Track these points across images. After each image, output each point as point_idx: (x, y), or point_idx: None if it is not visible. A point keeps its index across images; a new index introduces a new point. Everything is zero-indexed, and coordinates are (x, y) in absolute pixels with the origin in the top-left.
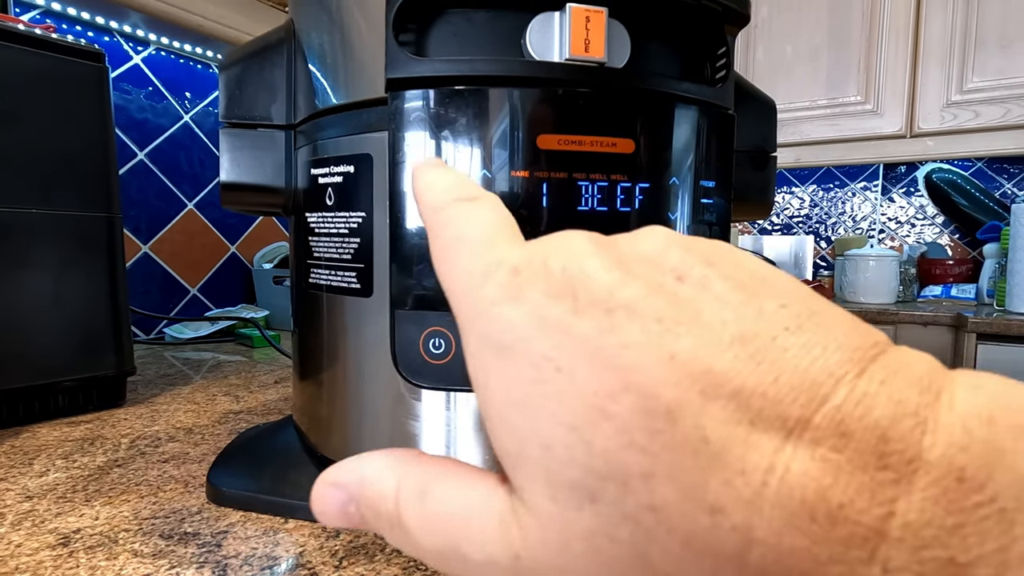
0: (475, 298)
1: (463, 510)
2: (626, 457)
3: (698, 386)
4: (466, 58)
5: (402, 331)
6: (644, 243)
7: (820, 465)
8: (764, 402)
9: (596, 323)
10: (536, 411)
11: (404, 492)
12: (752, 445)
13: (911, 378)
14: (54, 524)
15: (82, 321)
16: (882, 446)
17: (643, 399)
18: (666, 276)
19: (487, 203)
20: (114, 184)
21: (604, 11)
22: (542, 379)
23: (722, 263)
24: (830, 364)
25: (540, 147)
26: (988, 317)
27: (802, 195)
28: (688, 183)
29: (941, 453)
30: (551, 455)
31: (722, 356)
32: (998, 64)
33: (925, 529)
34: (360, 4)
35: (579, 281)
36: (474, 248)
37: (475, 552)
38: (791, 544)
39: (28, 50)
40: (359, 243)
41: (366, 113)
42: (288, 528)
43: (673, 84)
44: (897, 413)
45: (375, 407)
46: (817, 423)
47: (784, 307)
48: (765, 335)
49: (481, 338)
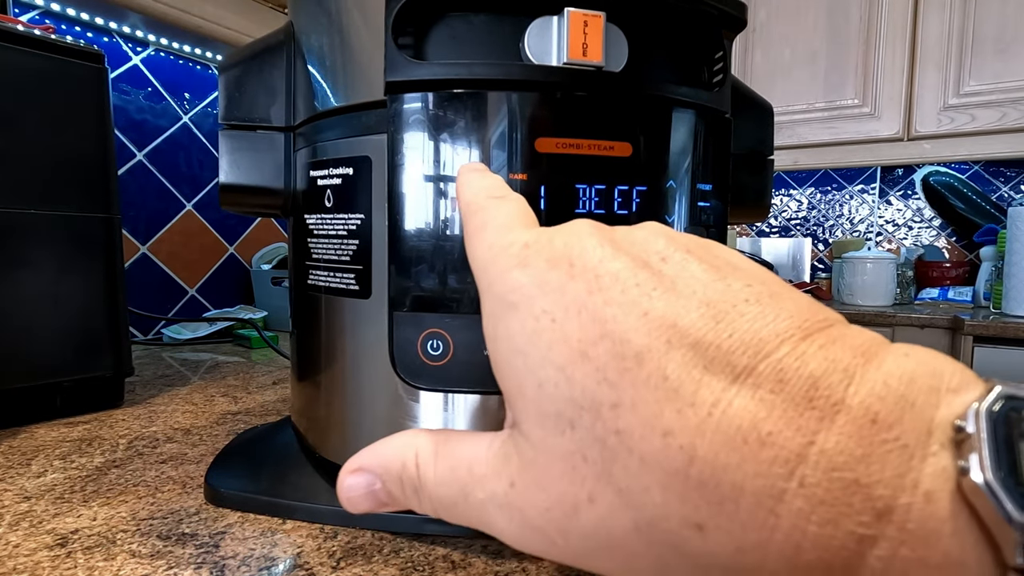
0: (493, 267)
1: (470, 456)
2: (599, 390)
3: (664, 336)
4: (465, 62)
5: (400, 333)
6: (637, 231)
7: (757, 403)
8: (718, 352)
9: (586, 284)
10: (534, 355)
11: (421, 455)
12: (704, 384)
13: (848, 345)
14: (52, 525)
15: (80, 322)
16: (812, 391)
17: (616, 344)
18: (651, 256)
19: (513, 200)
20: (113, 185)
21: (602, 15)
22: (540, 328)
23: (701, 251)
24: (779, 328)
25: (538, 150)
26: (985, 320)
27: (800, 198)
28: (685, 186)
29: (860, 400)
30: (542, 391)
31: (688, 315)
32: (995, 68)
33: (838, 456)
34: (359, 7)
35: (576, 253)
36: (496, 230)
37: (479, 491)
38: (725, 460)
39: (27, 51)
40: (358, 245)
41: (365, 115)
42: (286, 529)
43: (670, 88)
44: (829, 368)
45: (373, 408)
46: (760, 371)
47: (748, 286)
48: (727, 303)
49: (494, 297)
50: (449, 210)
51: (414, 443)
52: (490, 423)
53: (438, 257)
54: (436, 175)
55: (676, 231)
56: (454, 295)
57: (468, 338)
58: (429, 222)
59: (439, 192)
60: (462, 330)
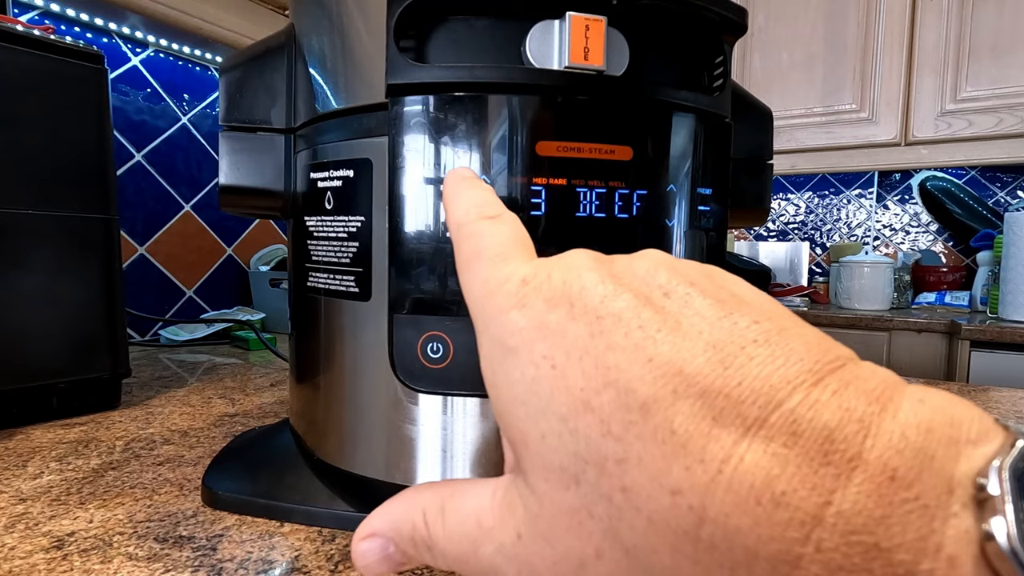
0: (488, 305)
1: (476, 508)
2: (604, 444)
3: (670, 385)
4: (466, 65)
5: (400, 335)
6: (638, 262)
7: (770, 458)
8: (727, 402)
9: (588, 327)
10: (535, 405)
11: (429, 514)
12: (713, 438)
13: (862, 390)
14: (48, 527)
15: (77, 323)
16: (827, 445)
17: (621, 394)
18: (654, 291)
19: (506, 222)
20: (112, 186)
21: (603, 20)
22: (540, 376)
23: (705, 284)
24: (789, 373)
25: (539, 153)
26: (981, 324)
27: (798, 202)
28: (685, 190)
29: (878, 455)
30: (545, 443)
31: (694, 360)
32: (991, 74)
33: (856, 517)
34: (361, 10)
35: (576, 291)
36: (491, 262)
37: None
38: (737, 523)
39: (27, 51)
40: (358, 247)
41: (366, 118)
42: (284, 532)
43: (671, 92)
44: (844, 419)
45: (372, 411)
46: (772, 422)
47: (756, 323)
48: (735, 345)
49: (492, 340)
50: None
51: (420, 501)
52: (489, 427)
53: (438, 260)
54: (437, 178)
55: (678, 260)
56: (454, 298)
57: (468, 341)
58: (429, 225)
59: (440, 195)
60: (462, 333)
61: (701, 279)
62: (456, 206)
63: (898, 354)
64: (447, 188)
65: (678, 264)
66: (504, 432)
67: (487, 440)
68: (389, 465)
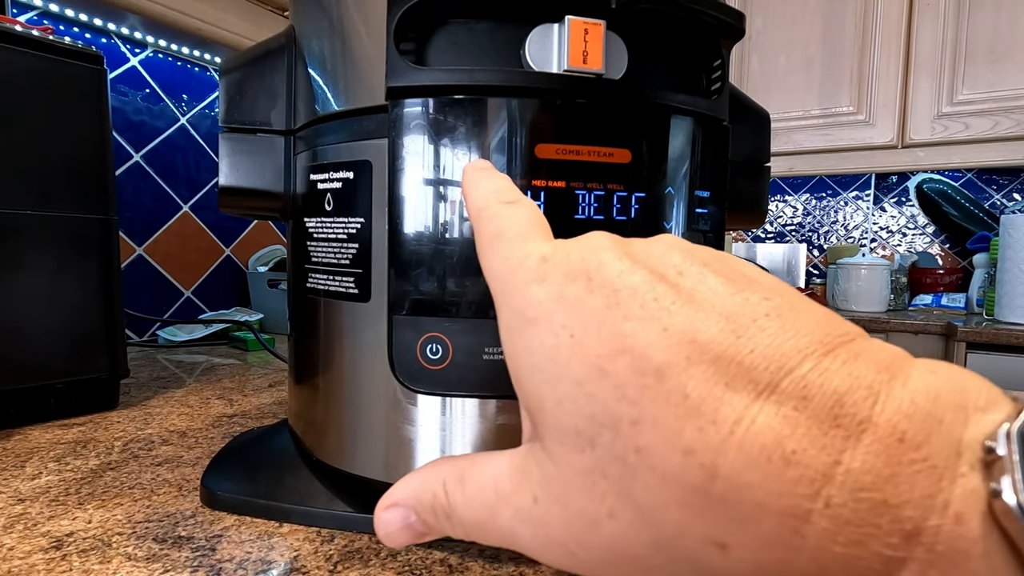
0: (510, 280)
1: (494, 475)
2: (619, 407)
3: (684, 352)
4: (466, 68)
5: (399, 336)
6: (654, 245)
7: (781, 420)
8: (739, 368)
9: (605, 299)
10: (552, 371)
11: (449, 483)
12: (725, 401)
13: (872, 360)
14: (47, 527)
15: (76, 323)
16: (837, 408)
17: (636, 360)
18: (668, 270)
19: (525, 206)
20: (111, 186)
21: (602, 24)
22: (558, 344)
23: (717, 265)
24: (800, 343)
25: (538, 156)
26: (977, 326)
27: (795, 203)
28: (683, 193)
29: (887, 418)
30: (562, 407)
31: (708, 329)
32: (988, 77)
33: (865, 476)
34: (361, 12)
35: (594, 267)
36: (512, 241)
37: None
38: (748, 479)
39: (26, 52)
40: (357, 248)
41: (366, 120)
42: (283, 532)
43: (669, 96)
44: (854, 385)
45: (371, 412)
46: (783, 387)
47: (767, 300)
48: (747, 317)
49: (512, 312)
50: (449, 214)
51: (441, 472)
52: (488, 428)
53: (438, 261)
54: (436, 180)
55: (692, 244)
56: (453, 299)
57: (467, 342)
58: (429, 226)
59: (439, 196)
60: (461, 334)
61: (714, 261)
62: (475, 192)
63: None
64: (466, 178)
65: (691, 247)
66: (522, 401)
67: (486, 441)
68: (388, 466)
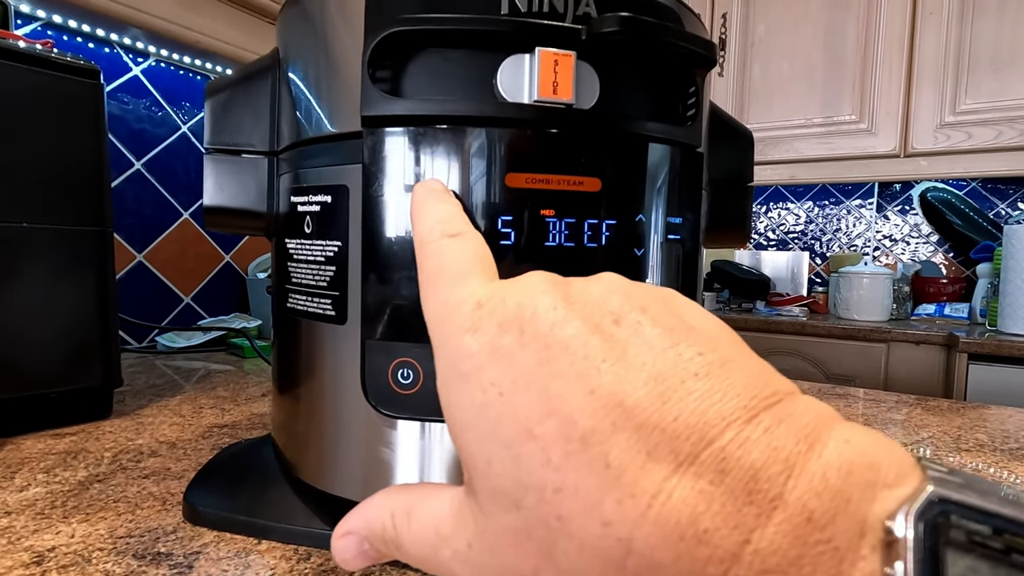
0: (446, 326)
1: (436, 515)
2: (544, 472)
3: (610, 418)
4: (438, 98)
5: (371, 360)
6: (593, 286)
7: (697, 495)
8: (662, 436)
9: (536, 354)
10: (482, 430)
11: (397, 518)
12: (646, 472)
13: (794, 427)
14: (30, 542)
15: (70, 333)
16: (752, 484)
17: (563, 425)
18: (604, 318)
19: (469, 240)
20: (107, 198)
21: (572, 55)
22: (488, 402)
23: (657, 310)
24: (725, 409)
25: (508, 185)
26: (980, 337)
27: (797, 211)
28: (655, 220)
29: (798, 496)
30: (491, 468)
31: (635, 392)
32: (991, 86)
33: (772, 557)
34: (340, 39)
35: (528, 316)
36: (449, 282)
37: (445, 549)
38: (661, 557)
39: (23, 67)
40: (334, 271)
41: (344, 145)
42: (260, 550)
43: (641, 124)
44: (771, 458)
45: (349, 434)
46: (703, 459)
47: (700, 355)
48: (676, 378)
49: (446, 363)
50: None
51: (391, 504)
52: None
53: (408, 287)
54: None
55: (633, 285)
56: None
57: None
58: (400, 252)
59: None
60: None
61: (654, 305)
62: (421, 222)
63: (896, 366)
64: (414, 200)
65: (633, 289)
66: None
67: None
68: (366, 487)
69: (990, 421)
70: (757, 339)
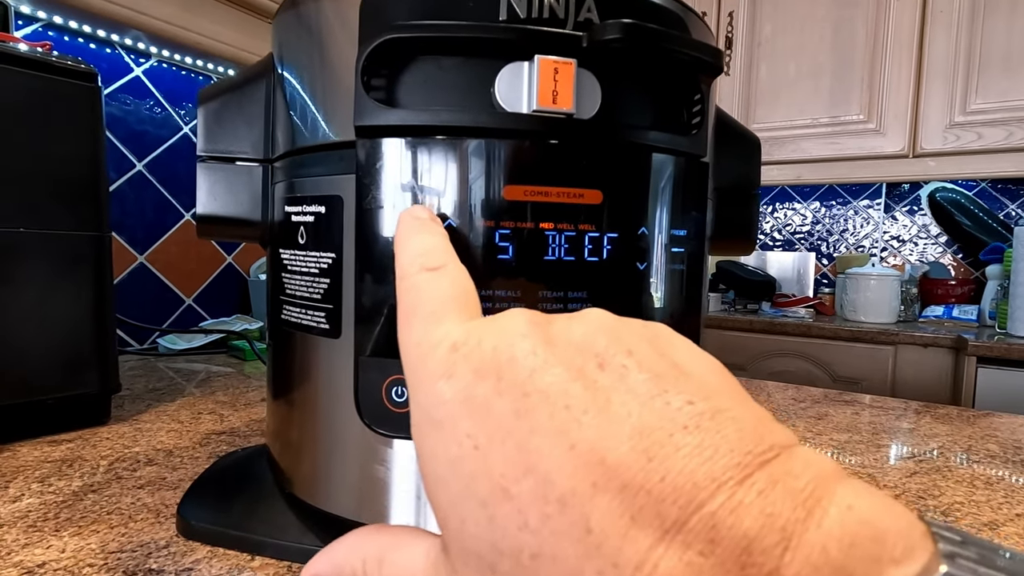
0: (420, 370)
1: (409, 567)
2: (520, 537)
3: (591, 477)
4: (433, 108)
5: (365, 377)
6: (576, 326)
7: (685, 567)
8: (647, 499)
9: (513, 404)
10: (456, 486)
11: (368, 564)
12: (630, 539)
13: (790, 489)
14: (20, 556)
15: (67, 339)
16: (745, 557)
17: (540, 484)
18: (588, 362)
19: (447, 275)
20: (104, 203)
21: (573, 62)
22: (462, 456)
23: (645, 352)
24: (716, 469)
25: (506, 198)
26: (989, 340)
27: (804, 211)
28: (658, 232)
29: (796, 571)
30: (464, 528)
31: (618, 448)
32: (1002, 86)
33: None
34: (334, 46)
35: (505, 362)
36: (425, 321)
37: None
38: None
39: (19, 70)
40: (328, 284)
41: (338, 155)
42: (254, 566)
43: (643, 135)
44: (765, 526)
45: (343, 450)
46: (691, 526)
47: (690, 404)
48: (663, 431)
49: (420, 409)
50: None
51: (363, 549)
52: None
53: None
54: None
55: (621, 322)
56: None
57: None
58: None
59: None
60: None
61: (641, 346)
62: (402, 254)
63: (903, 369)
64: (398, 229)
65: (620, 328)
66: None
67: None
68: (360, 505)
69: (1001, 431)
70: (762, 341)
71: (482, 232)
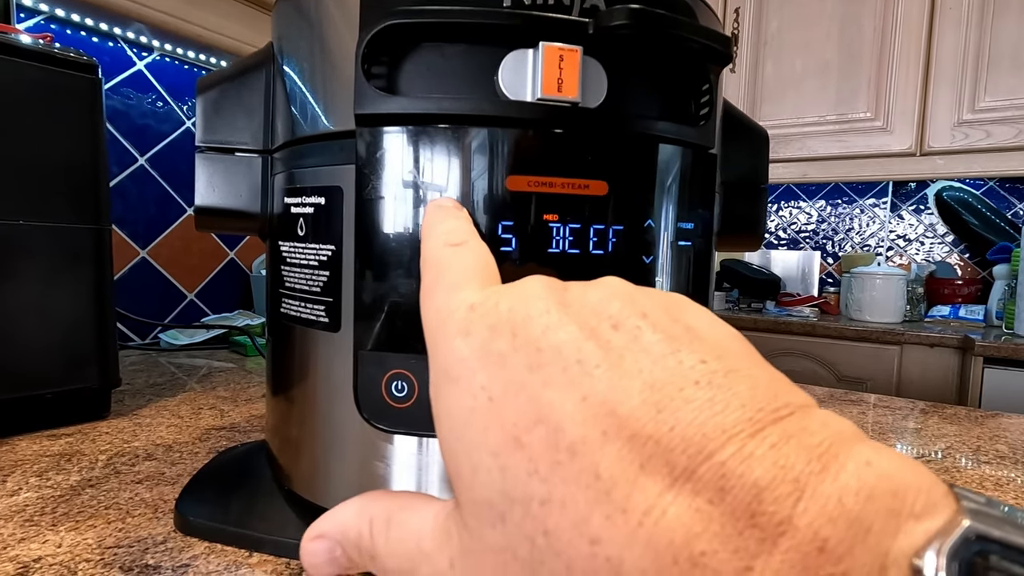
0: (438, 333)
1: (418, 528)
2: (530, 484)
3: (601, 426)
4: (435, 96)
5: (364, 372)
6: (592, 291)
7: (694, 514)
8: (656, 448)
9: (527, 359)
10: (469, 437)
11: (375, 525)
12: (638, 486)
13: (805, 444)
14: (16, 551)
15: (67, 333)
16: (755, 505)
17: (551, 433)
18: (602, 323)
19: (470, 248)
20: (104, 196)
21: (578, 50)
22: (476, 407)
23: (658, 316)
24: (726, 421)
25: (509, 188)
26: (996, 341)
27: (809, 210)
28: (665, 225)
29: (809, 521)
30: (476, 477)
31: (628, 401)
32: (1010, 84)
33: None
34: (335, 34)
35: (520, 319)
36: (446, 290)
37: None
38: None
39: (19, 61)
40: (328, 276)
41: (337, 145)
42: (251, 563)
43: (650, 124)
44: (777, 477)
45: (343, 446)
46: (700, 475)
47: (703, 362)
48: (674, 386)
49: (438, 368)
50: (415, 246)
51: (370, 510)
52: None
53: (403, 295)
54: (403, 210)
55: (638, 289)
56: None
57: None
58: (395, 259)
59: (406, 228)
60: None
61: (656, 311)
62: (428, 237)
63: (909, 369)
64: (426, 218)
65: (635, 294)
66: (444, 462)
67: None
68: None
69: (1011, 431)
70: (766, 340)
71: (485, 224)
